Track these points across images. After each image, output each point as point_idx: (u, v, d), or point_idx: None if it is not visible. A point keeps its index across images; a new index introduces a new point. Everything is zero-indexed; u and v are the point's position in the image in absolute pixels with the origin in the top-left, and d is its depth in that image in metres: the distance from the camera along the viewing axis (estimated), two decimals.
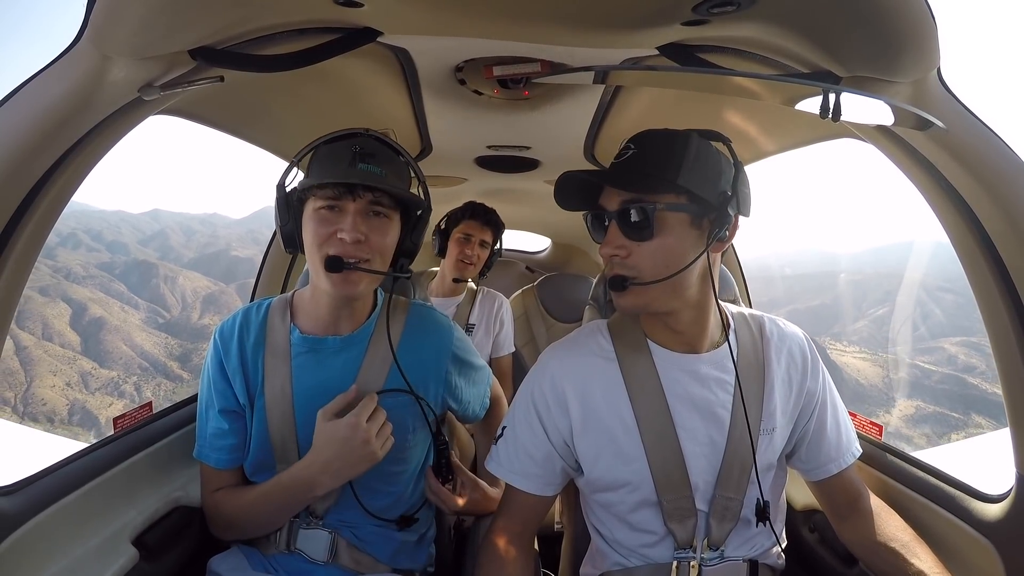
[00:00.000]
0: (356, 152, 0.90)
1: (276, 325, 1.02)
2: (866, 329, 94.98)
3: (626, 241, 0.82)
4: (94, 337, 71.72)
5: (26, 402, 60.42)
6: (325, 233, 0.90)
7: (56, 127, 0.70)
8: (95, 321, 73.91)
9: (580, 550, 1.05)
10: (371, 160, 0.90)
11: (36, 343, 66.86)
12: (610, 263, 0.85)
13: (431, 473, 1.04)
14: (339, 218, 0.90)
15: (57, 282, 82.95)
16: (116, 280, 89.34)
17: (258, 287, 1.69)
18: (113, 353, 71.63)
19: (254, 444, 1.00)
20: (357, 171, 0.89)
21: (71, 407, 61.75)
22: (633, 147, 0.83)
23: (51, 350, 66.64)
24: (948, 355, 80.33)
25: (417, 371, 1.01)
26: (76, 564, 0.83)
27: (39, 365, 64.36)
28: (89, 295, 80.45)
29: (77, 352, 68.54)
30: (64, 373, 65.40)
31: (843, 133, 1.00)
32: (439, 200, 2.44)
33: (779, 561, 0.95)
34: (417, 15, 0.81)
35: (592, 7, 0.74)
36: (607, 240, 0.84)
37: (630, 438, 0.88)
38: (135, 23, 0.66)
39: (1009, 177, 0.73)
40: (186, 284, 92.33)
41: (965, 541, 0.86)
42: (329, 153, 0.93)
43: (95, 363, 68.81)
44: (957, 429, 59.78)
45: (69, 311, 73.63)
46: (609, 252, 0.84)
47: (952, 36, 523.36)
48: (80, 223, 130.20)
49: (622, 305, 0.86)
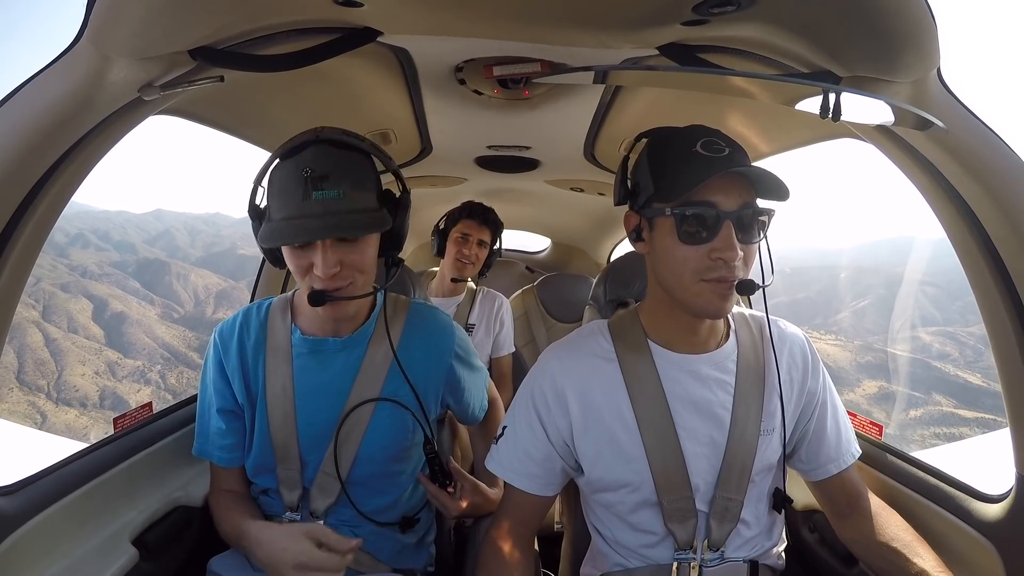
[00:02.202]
0: (307, 177, 0.82)
1: (277, 325, 1.02)
2: (846, 320, 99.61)
3: (738, 244, 0.78)
4: (116, 330, 74.38)
5: (59, 389, 62.85)
6: (303, 266, 0.87)
7: (56, 127, 0.70)
8: (116, 315, 76.75)
9: (580, 550, 1.05)
10: (325, 184, 0.82)
11: (63, 335, 69.62)
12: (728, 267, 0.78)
13: (426, 479, 1.02)
14: (309, 252, 0.86)
15: (76, 280, 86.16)
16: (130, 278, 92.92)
17: (258, 287, 1.68)
18: (136, 344, 74.03)
19: (255, 444, 1.00)
20: (313, 204, 0.82)
21: (102, 393, 64.64)
22: (724, 145, 0.80)
23: (78, 342, 69.40)
24: (923, 344, 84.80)
25: (418, 371, 1.01)
26: (76, 564, 0.83)
27: (68, 355, 67.13)
28: (107, 291, 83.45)
29: (102, 344, 71.11)
30: (92, 363, 67.94)
31: (843, 133, 1.00)
32: (438, 200, 2.44)
33: (779, 562, 0.95)
34: (417, 15, 0.81)
35: (592, 7, 0.74)
36: (728, 243, 0.77)
37: (630, 438, 0.88)
38: (135, 23, 0.66)
39: (1009, 177, 0.73)
40: (198, 281, 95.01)
41: (965, 541, 0.86)
42: (282, 180, 0.85)
43: (120, 354, 71.38)
44: (916, 407, 62.28)
45: (91, 306, 76.31)
46: (735, 255, 0.77)
47: (952, 36, 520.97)
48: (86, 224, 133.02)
49: (731, 307, 0.81)
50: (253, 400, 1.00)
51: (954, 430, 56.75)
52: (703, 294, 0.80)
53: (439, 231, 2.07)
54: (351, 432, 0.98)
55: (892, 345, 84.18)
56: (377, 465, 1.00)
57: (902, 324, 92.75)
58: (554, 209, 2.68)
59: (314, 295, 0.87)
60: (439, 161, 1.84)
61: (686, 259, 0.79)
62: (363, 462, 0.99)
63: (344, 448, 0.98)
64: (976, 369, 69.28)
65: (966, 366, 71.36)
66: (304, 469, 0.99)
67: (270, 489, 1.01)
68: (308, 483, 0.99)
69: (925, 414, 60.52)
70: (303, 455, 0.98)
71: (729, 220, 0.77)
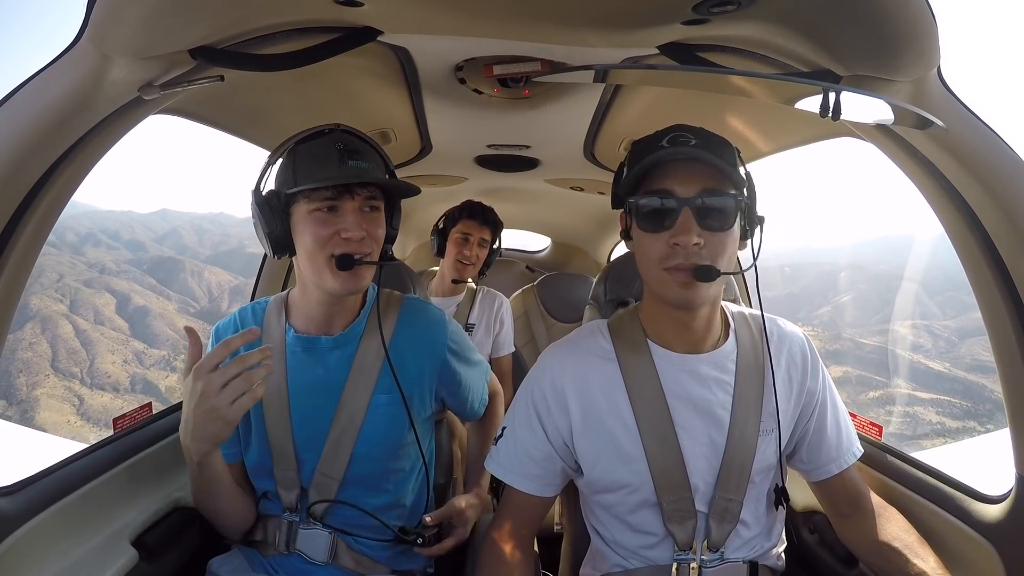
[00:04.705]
0: (341, 150, 0.89)
1: (272, 324, 1.02)
2: (827, 314, 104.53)
3: (701, 230, 0.79)
4: (141, 323, 77.87)
5: (92, 375, 66.26)
6: (327, 234, 0.90)
7: (56, 127, 0.70)
8: (139, 309, 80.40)
9: (580, 551, 1.05)
10: (357, 156, 0.90)
11: (92, 327, 73.43)
12: (685, 253, 0.79)
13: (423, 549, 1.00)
14: (338, 218, 0.90)
15: (97, 276, 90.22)
16: (146, 274, 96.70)
17: (258, 287, 1.68)
18: (160, 336, 77.44)
19: (253, 444, 1.00)
20: (349, 169, 0.89)
21: (132, 379, 68.28)
22: (692, 137, 0.81)
23: (106, 333, 72.99)
24: (899, 335, 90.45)
25: (411, 367, 1.01)
26: (76, 564, 0.83)
27: (98, 345, 70.74)
28: (127, 287, 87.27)
29: (128, 335, 74.72)
30: (120, 352, 71.33)
31: (843, 132, 1.00)
32: (438, 199, 2.44)
33: (779, 562, 0.95)
34: (417, 14, 0.81)
35: (592, 6, 0.74)
36: (685, 228, 0.78)
37: (630, 439, 0.88)
38: (135, 23, 0.66)
39: (1009, 177, 0.72)
40: (211, 278, 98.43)
41: (965, 542, 0.86)
42: (312, 153, 0.91)
43: (145, 344, 74.81)
44: (875, 388, 67.23)
45: (114, 300, 80.00)
46: (690, 240, 0.78)
47: (952, 35, 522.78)
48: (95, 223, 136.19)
49: (700, 297, 0.81)
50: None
51: (908, 409, 62.48)
52: (667, 283, 0.81)
53: (439, 231, 2.06)
54: (345, 430, 0.98)
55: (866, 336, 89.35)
56: (374, 463, 1.00)
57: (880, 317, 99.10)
58: (554, 208, 2.68)
59: (342, 259, 0.90)
60: (439, 160, 1.84)
61: (650, 248, 0.82)
62: (359, 460, 0.99)
63: (339, 447, 0.98)
64: (946, 359, 74.19)
65: (937, 356, 76.42)
66: (301, 469, 0.99)
67: (269, 492, 1.01)
68: (306, 483, 0.99)
69: (883, 395, 66.17)
70: (299, 454, 0.98)
71: (687, 207, 0.79)
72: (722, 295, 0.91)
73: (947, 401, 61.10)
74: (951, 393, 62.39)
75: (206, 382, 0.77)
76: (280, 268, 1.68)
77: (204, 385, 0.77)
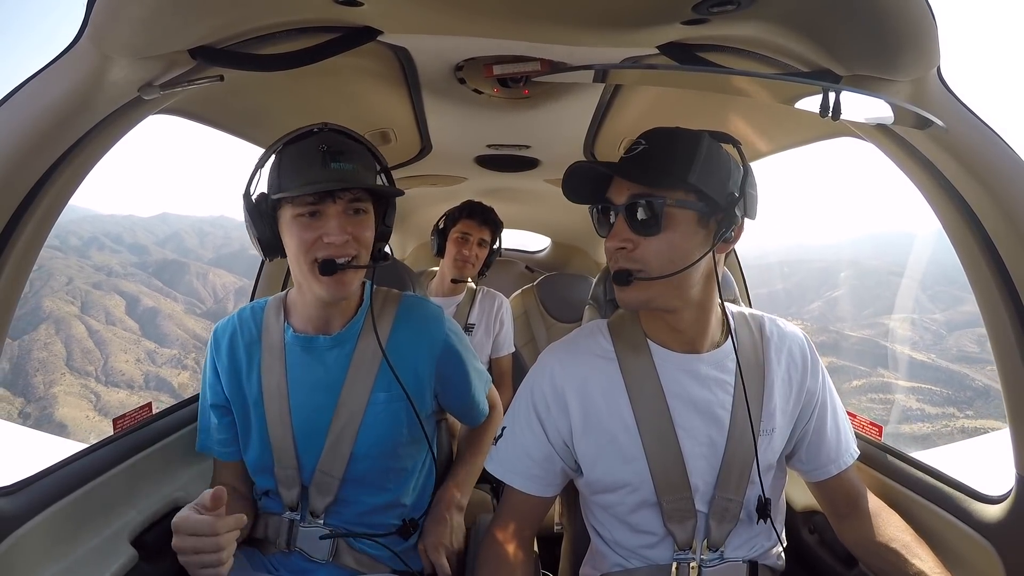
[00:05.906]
0: (325, 152, 0.88)
1: (271, 324, 1.02)
2: (818, 309, 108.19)
3: (632, 235, 0.82)
4: (151, 323, 79.70)
5: (107, 373, 68.12)
6: (311, 238, 0.89)
7: (56, 127, 0.70)
8: (148, 310, 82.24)
9: (580, 551, 1.05)
10: (341, 158, 0.89)
11: (104, 327, 75.42)
12: (615, 257, 0.85)
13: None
14: (321, 223, 0.89)
15: (105, 278, 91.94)
16: (153, 277, 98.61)
17: (257, 288, 1.68)
18: (170, 335, 79.16)
19: (253, 443, 1.00)
20: (332, 172, 0.87)
21: (146, 376, 70.35)
22: (644, 143, 0.83)
23: (118, 333, 74.86)
24: (888, 329, 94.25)
25: (408, 365, 1.01)
26: (76, 564, 0.83)
27: (111, 345, 72.55)
28: (136, 288, 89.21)
29: (139, 335, 76.65)
30: (132, 351, 73.18)
31: (843, 132, 0.99)
32: (438, 199, 2.44)
33: (779, 562, 0.95)
34: (417, 14, 0.81)
35: (592, 6, 0.74)
36: (613, 233, 0.84)
37: (630, 439, 0.88)
38: (135, 23, 0.66)
39: (1009, 177, 0.72)
40: (215, 280, 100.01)
41: (965, 542, 0.86)
42: (296, 156, 0.90)
43: (156, 343, 76.62)
44: (859, 377, 69.89)
45: (123, 302, 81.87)
46: (615, 245, 0.83)
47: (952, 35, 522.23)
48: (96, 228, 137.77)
49: (625, 300, 0.85)
50: (244, 398, 1.00)
51: (889, 396, 66.35)
52: (613, 285, 0.86)
53: (439, 231, 2.06)
54: (345, 428, 0.98)
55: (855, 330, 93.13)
56: (374, 461, 1.00)
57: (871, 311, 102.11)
58: (554, 208, 2.68)
59: (324, 263, 0.89)
60: (439, 160, 1.84)
61: (606, 252, 0.87)
62: (359, 459, 0.99)
63: (339, 445, 0.98)
64: (932, 351, 76.97)
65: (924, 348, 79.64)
66: (301, 467, 0.99)
67: (270, 490, 1.02)
68: (307, 482, 0.99)
69: (866, 383, 69.12)
70: (299, 453, 0.98)
71: (618, 213, 0.83)
72: (718, 295, 0.90)
73: (925, 388, 64.55)
74: (929, 381, 65.86)
75: (180, 540, 0.77)
76: (279, 269, 1.68)
77: (178, 542, 0.77)
